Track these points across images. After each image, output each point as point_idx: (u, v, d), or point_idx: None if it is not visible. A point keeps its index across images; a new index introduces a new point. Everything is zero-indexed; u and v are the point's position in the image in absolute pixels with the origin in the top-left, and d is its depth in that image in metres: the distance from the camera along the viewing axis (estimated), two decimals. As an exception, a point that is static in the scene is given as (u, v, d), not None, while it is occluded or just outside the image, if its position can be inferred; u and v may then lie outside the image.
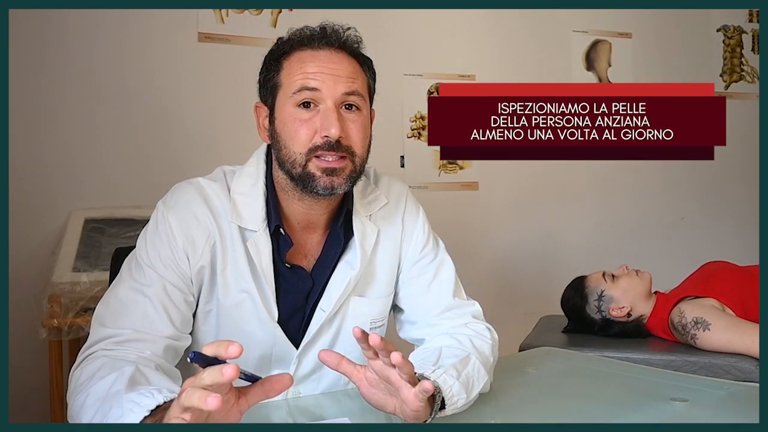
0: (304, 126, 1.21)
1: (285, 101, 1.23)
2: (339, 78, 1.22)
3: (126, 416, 0.93)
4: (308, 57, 1.23)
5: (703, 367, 2.05)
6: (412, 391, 1.01)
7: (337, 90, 1.21)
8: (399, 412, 1.06)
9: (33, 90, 2.62)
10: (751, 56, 3.95)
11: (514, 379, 1.38)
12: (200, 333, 1.30)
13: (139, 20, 2.78)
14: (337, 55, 1.24)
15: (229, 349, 0.83)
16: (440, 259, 1.43)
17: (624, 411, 1.21)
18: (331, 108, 1.20)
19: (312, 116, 1.21)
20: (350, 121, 1.23)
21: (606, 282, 2.35)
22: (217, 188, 1.29)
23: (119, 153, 2.76)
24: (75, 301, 2.23)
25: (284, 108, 1.24)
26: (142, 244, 1.26)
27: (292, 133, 1.22)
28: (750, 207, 3.80)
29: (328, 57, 1.23)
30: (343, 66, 1.24)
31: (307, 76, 1.21)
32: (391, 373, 1.02)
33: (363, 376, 1.08)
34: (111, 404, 0.97)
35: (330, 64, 1.22)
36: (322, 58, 1.23)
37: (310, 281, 1.32)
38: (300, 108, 1.22)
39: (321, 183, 1.21)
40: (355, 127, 1.23)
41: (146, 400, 0.93)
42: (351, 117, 1.23)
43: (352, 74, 1.24)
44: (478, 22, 3.42)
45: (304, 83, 1.21)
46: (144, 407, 0.92)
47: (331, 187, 1.21)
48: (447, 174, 3.37)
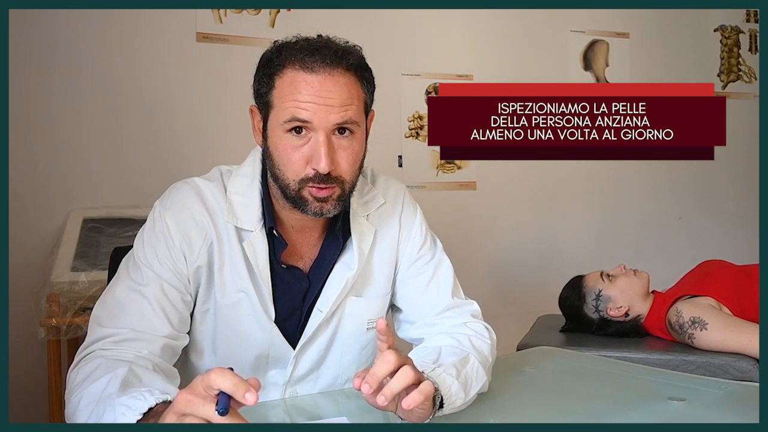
0: (296, 153, 1.19)
1: (276, 125, 1.20)
2: (332, 108, 1.17)
3: (119, 420, 0.93)
4: (301, 81, 1.18)
5: (700, 367, 2.05)
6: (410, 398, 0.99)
7: (329, 121, 1.17)
8: (401, 412, 1.06)
9: (31, 90, 2.62)
10: (748, 56, 3.96)
11: (511, 379, 1.38)
12: (198, 333, 1.30)
13: (138, 20, 2.78)
14: (331, 79, 1.18)
15: (246, 396, 0.83)
16: (438, 259, 1.43)
17: (621, 410, 1.21)
18: (323, 141, 1.17)
19: (303, 143, 1.19)
20: (342, 148, 1.20)
21: (603, 281, 2.35)
22: (213, 188, 1.29)
23: (117, 153, 2.76)
24: (73, 300, 2.23)
25: (276, 131, 1.21)
26: (139, 243, 1.26)
27: (284, 159, 1.20)
28: (746, 206, 3.81)
29: (321, 83, 1.17)
30: (338, 91, 1.18)
31: (298, 106, 1.17)
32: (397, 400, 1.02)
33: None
34: (104, 408, 0.96)
35: (323, 93, 1.17)
36: (315, 84, 1.17)
37: (306, 282, 1.32)
38: (292, 134, 1.19)
39: (312, 208, 1.21)
40: (345, 155, 1.20)
41: (138, 403, 0.93)
42: (343, 144, 1.20)
43: (347, 99, 1.19)
44: (476, 22, 3.43)
45: (294, 113, 1.17)
46: (136, 410, 0.92)
47: (320, 212, 1.22)
48: (445, 174, 3.37)
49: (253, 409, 1.21)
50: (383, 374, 0.99)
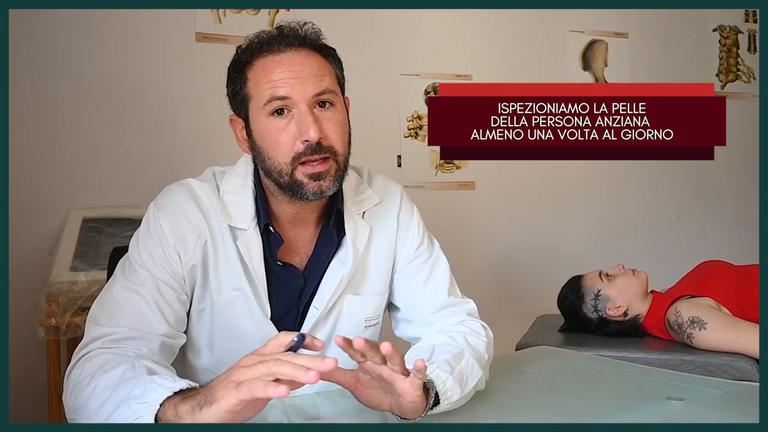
0: (283, 134, 1.21)
1: (258, 113, 1.23)
2: (306, 80, 1.20)
3: (148, 395, 0.94)
4: (271, 63, 1.21)
5: (699, 366, 2.06)
6: (406, 381, 1.00)
7: (307, 92, 1.20)
8: (396, 408, 1.06)
9: (30, 90, 2.62)
10: (747, 56, 3.96)
11: (510, 378, 1.38)
12: (194, 332, 1.31)
13: (137, 20, 2.78)
14: (299, 55, 1.22)
15: (326, 362, 0.87)
16: (435, 258, 1.43)
17: (620, 410, 1.21)
18: (305, 111, 1.19)
19: (288, 123, 1.21)
20: (326, 120, 1.22)
21: (602, 281, 2.35)
22: (206, 188, 1.30)
23: (117, 153, 2.76)
24: (73, 300, 2.24)
25: (258, 119, 1.23)
26: (134, 245, 1.28)
27: (272, 144, 1.22)
28: (745, 206, 3.81)
29: (290, 59, 1.21)
30: (308, 65, 1.22)
31: (274, 85, 1.20)
32: (383, 370, 1.02)
33: (355, 380, 1.07)
34: (129, 388, 0.98)
35: (294, 67, 1.20)
36: (285, 62, 1.21)
37: (302, 279, 1.32)
38: (274, 117, 1.21)
39: (309, 189, 1.22)
40: (332, 125, 1.22)
41: (170, 384, 0.95)
42: (326, 115, 1.22)
43: (319, 71, 1.22)
44: (475, 22, 3.43)
45: (272, 93, 1.20)
46: (168, 389, 0.94)
47: (320, 191, 1.22)
48: (444, 173, 3.37)
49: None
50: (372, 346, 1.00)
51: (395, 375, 1.01)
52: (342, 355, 1.35)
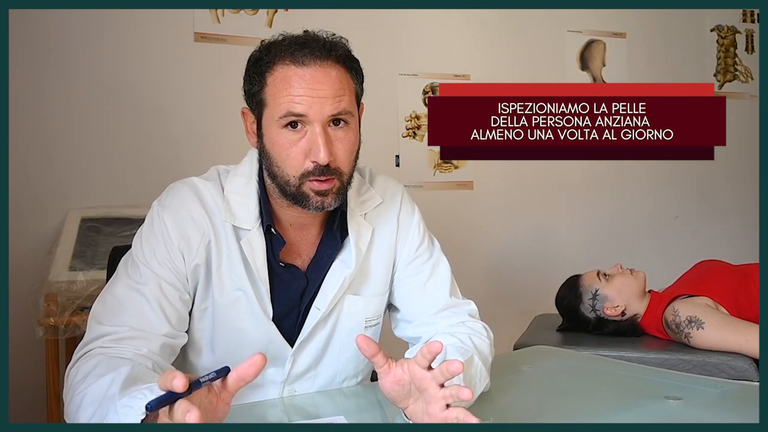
0: (294, 149, 1.20)
1: (271, 122, 1.22)
2: (325, 100, 1.19)
3: (122, 421, 0.93)
4: (293, 76, 1.19)
5: (697, 366, 2.06)
6: (443, 413, 0.98)
7: (324, 113, 1.19)
8: (410, 411, 1.05)
9: (29, 89, 2.62)
10: (744, 56, 3.97)
11: (508, 378, 1.38)
12: (196, 331, 1.31)
13: (135, 20, 2.78)
14: (321, 72, 1.20)
15: (174, 383, 0.84)
16: (436, 259, 1.43)
17: (618, 409, 1.21)
18: (319, 132, 1.18)
19: (300, 137, 1.20)
20: (338, 140, 1.22)
21: (600, 281, 2.35)
22: (211, 187, 1.30)
23: (115, 152, 2.76)
24: (71, 299, 2.23)
25: (271, 127, 1.22)
26: (137, 243, 1.27)
27: (283, 155, 1.21)
28: (743, 206, 3.82)
29: (312, 76, 1.19)
30: (330, 83, 1.20)
31: (292, 101, 1.18)
32: (431, 386, 0.99)
33: (392, 370, 1.04)
34: (107, 408, 0.96)
35: (315, 85, 1.19)
36: (307, 78, 1.19)
37: (304, 280, 1.32)
38: (288, 129, 1.20)
39: (313, 203, 1.22)
40: (342, 146, 1.22)
41: (139, 402, 0.92)
42: (339, 135, 1.22)
43: (339, 90, 1.20)
44: (473, 21, 3.43)
45: (289, 108, 1.18)
46: (138, 410, 0.91)
47: (322, 206, 1.23)
48: (442, 173, 3.37)
49: (251, 408, 1.22)
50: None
51: (438, 398, 0.99)
52: (338, 358, 1.37)
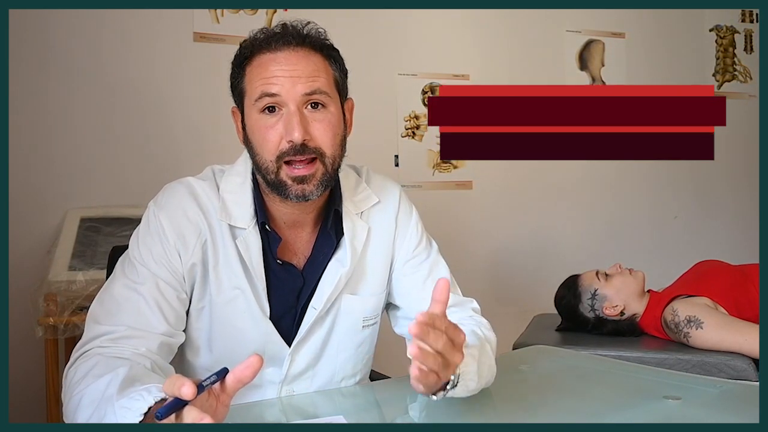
0: (270, 132, 1.21)
1: (251, 108, 1.24)
2: (298, 79, 1.20)
3: (120, 422, 0.93)
4: (267, 60, 1.22)
5: (696, 366, 2.06)
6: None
7: (297, 91, 1.20)
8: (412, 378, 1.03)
9: (28, 89, 2.62)
10: (743, 56, 3.97)
11: (507, 377, 1.38)
12: (194, 330, 1.31)
13: (135, 20, 2.77)
14: (296, 55, 1.22)
15: (182, 390, 0.84)
16: (434, 259, 1.44)
17: (617, 409, 1.22)
18: (293, 111, 1.20)
19: (277, 121, 1.21)
20: (315, 121, 1.22)
21: (599, 281, 2.35)
22: (206, 187, 1.30)
23: (115, 152, 2.76)
24: (71, 299, 2.23)
25: (251, 115, 1.24)
26: (134, 243, 1.28)
27: (260, 140, 1.22)
28: (742, 205, 3.82)
29: (286, 58, 1.21)
30: (303, 65, 1.21)
31: (266, 82, 1.20)
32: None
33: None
34: (105, 410, 0.97)
35: (288, 66, 1.21)
36: (281, 60, 1.21)
37: (300, 279, 1.32)
38: (265, 114, 1.22)
39: (292, 191, 1.22)
40: (321, 126, 1.22)
41: (137, 404, 0.93)
42: (316, 117, 1.22)
43: (314, 72, 1.22)
44: (472, 21, 3.43)
45: (263, 89, 1.20)
46: (136, 411, 0.92)
47: (302, 195, 1.23)
48: (441, 173, 3.37)
49: (249, 408, 1.22)
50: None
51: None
52: (336, 358, 1.36)
